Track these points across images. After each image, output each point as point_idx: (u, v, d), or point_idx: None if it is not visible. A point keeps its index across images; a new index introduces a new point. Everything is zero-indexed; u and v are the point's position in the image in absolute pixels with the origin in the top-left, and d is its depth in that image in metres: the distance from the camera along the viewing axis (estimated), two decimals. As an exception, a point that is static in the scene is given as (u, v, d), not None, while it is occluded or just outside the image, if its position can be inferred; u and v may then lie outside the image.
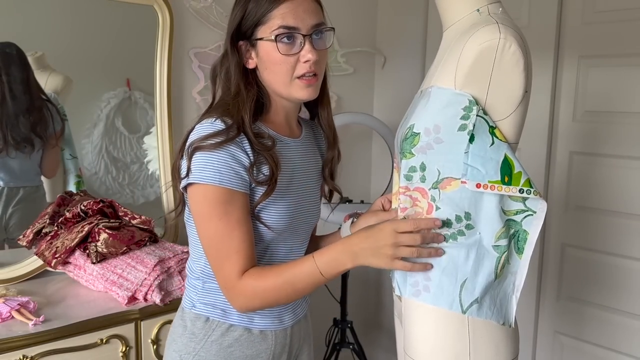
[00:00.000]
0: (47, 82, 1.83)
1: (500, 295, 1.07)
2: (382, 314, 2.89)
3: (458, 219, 1.04)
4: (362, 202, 2.37)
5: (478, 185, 1.01)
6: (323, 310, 2.40)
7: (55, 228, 1.74)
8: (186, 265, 1.22)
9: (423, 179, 1.06)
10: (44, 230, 1.75)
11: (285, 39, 1.04)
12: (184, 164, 1.06)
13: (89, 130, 1.93)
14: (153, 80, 1.99)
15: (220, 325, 1.14)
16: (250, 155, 1.05)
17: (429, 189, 1.06)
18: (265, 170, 1.06)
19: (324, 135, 1.25)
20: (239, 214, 1.04)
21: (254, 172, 1.05)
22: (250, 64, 1.11)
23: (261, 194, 1.07)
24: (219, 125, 1.04)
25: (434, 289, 1.06)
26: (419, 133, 1.05)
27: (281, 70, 1.06)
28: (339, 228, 1.33)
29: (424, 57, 2.55)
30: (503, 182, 1.01)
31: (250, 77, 1.11)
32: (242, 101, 1.07)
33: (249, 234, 1.06)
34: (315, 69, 1.06)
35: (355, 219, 1.28)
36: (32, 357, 1.37)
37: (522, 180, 1.01)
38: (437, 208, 1.05)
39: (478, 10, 1.08)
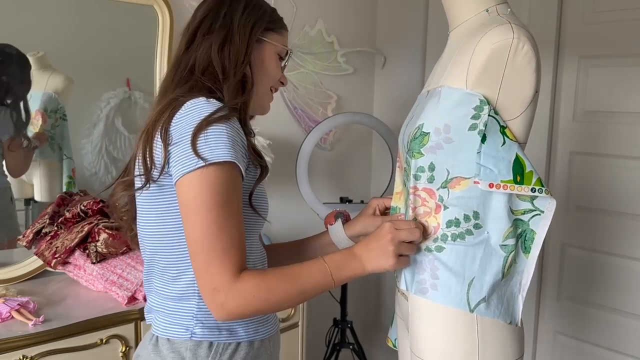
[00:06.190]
0: (48, 82, 1.83)
1: (507, 295, 1.07)
2: (382, 314, 2.89)
3: (466, 218, 1.05)
4: (362, 202, 2.37)
5: (491, 185, 1.02)
6: (323, 310, 2.40)
7: (55, 228, 1.74)
8: (156, 290, 1.07)
9: (431, 179, 1.07)
10: (43, 230, 1.75)
11: (285, 57, 1.17)
12: (176, 150, 0.95)
13: (88, 130, 1.93)
14: (153, 80, 1.99)
15: (227, 347, 1.03)
16: (244, 137, 1.01)
17: (437, 189, 1.06)
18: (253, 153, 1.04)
19: None
20: (238, 205, 0.96)
21: (251, 153, 1.02)
22: None
23: (251, 179, 1.02)
24: (216, 103, 0.98)
25: (441, 287, 1.06)
26: (428, 133, 1.05)
27: (274, 74, 1.14)
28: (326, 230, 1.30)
29: (424, 57, 2.55)
30: (515, 181, 1.01)
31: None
32: (249, 81, 1.07)
33: (244, 229, 0.98)
34: None
35: (342, 219, 1.27)
36: (32, 357, 1.37)
37: (534, 180, 1.02)
38: (445, 207, 1.06)
39: (487, 10, 1.08)
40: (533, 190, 1.02)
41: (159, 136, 0.97)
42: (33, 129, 1.82)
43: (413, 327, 1.13)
